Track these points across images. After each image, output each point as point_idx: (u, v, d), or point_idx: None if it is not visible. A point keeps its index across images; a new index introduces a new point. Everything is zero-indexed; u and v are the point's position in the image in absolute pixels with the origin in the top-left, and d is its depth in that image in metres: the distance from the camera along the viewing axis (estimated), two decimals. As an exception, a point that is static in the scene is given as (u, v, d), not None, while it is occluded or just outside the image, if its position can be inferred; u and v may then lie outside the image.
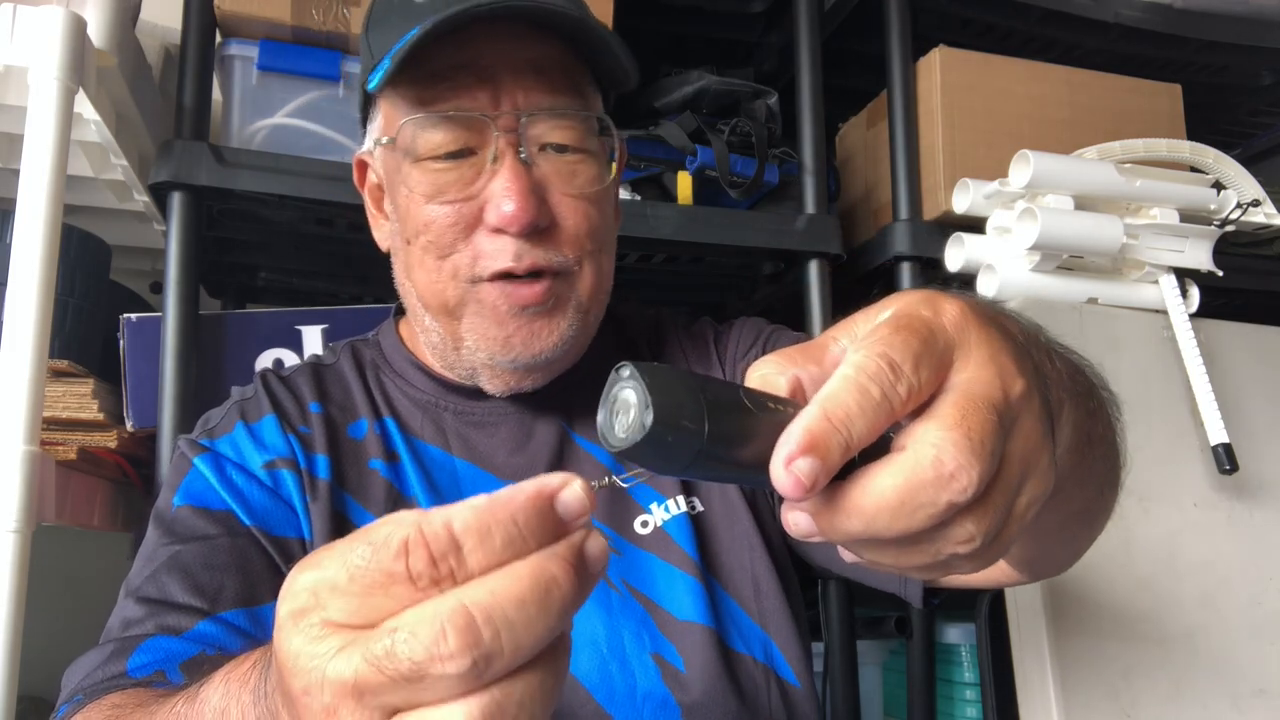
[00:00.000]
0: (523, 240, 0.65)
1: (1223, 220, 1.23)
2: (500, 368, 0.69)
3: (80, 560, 1.40)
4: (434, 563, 0.27)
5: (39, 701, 1.19)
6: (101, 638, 0.62)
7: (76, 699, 0.55)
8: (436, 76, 0.65)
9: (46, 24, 0.85)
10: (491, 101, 0.65)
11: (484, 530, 0.27)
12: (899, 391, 0.31)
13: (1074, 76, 1.34)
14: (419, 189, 0.66)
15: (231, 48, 1.08)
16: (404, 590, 0.27)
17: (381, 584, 0.27)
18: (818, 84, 1.28)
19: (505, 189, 0.63)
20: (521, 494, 0.28)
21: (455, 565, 0.27)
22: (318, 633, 0.28)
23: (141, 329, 1.05)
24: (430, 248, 0.67)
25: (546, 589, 0.27)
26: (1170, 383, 1.17)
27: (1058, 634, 1.01)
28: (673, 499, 0.73)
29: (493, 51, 0.65)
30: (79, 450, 0.95)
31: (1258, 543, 1.15)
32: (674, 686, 0.66)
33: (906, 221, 1.26)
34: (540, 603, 0.27)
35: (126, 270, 1.36)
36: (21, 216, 0.83)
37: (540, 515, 0.28)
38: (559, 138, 0.66)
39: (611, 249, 0.73)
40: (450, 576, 0.27)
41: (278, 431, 0.70)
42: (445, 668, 0.26)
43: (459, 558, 0.27)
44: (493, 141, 0.65)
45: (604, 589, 0.68)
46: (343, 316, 1.15)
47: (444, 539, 0.27)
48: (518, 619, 0.27)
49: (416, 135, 0.66)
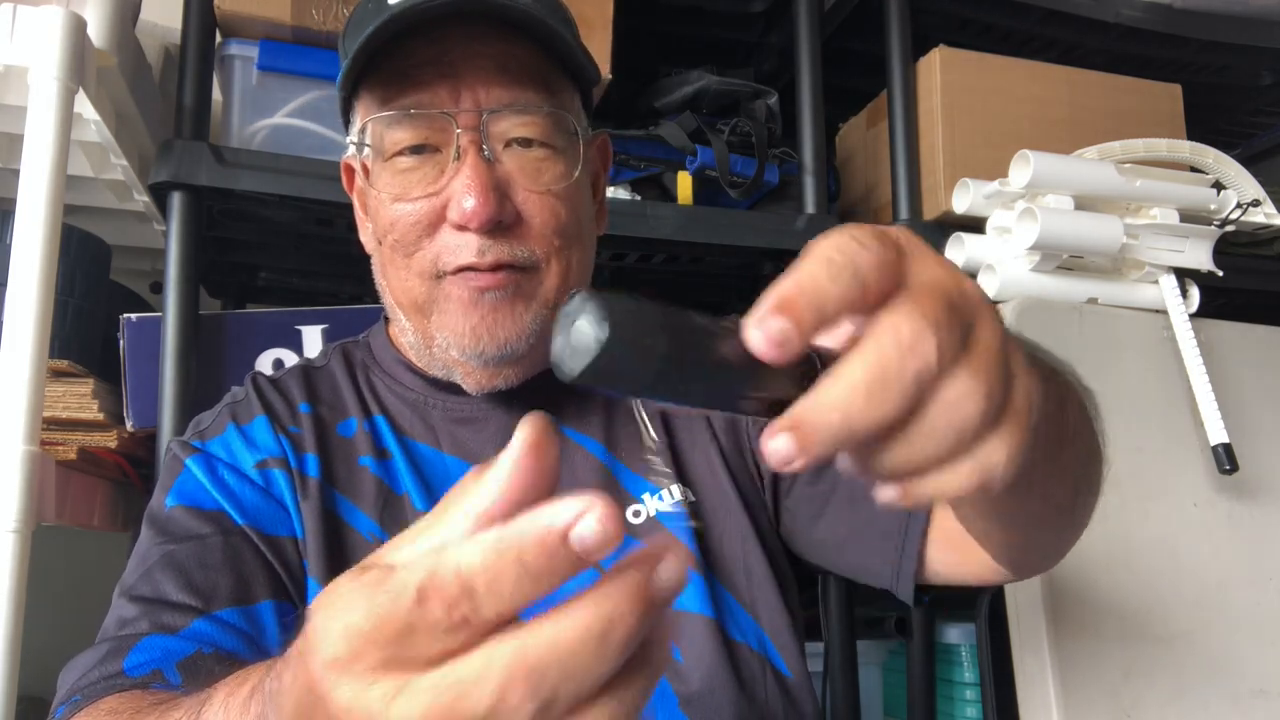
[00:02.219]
0: (485, 236, 0.65)
1: (1223, 220, 1.23)
2: (471, 364, 0.69)
3: (80, 560, 1.40)
4: (450, 609, 0.27)
5: (39, 702, 1.19)
6: (97, 638, 0.62)
7: (74, 700, 0.55)
8: (402, 74, 0.65)
9: (46, 24, 0.85)
10: (453, 98, 0.65)
11: (491, 578, 0.27)
12: (866, 258, 0.31)
13: (1074, 76, 1.34)
14: (385, 189, 0.67)
15: (231, 48, 1.08)
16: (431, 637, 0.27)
17: (407, 632, 0.27)
18: (818, 84, 1.28)
19: (466, 185, 0.64)
20: (529, 532, 0.27)
21: (470, 613, 0.27)
22: (369, 679, 0.28)
23: (141, 329, 1.05)
24: (398, 246, 0.67)
25: (604, 631, 0.27)
26: (1170, 383, 1.17)
27: (1058, 634, 1.01)
28: (666, 489, 0.73)
29: (458, 49, 0.66)
30: (79, 450, 0.95)
31: (1258, 543, 1.15)
32: (670, 676, 0.66)
33: (906, 221, 1.26)
34: (599, 645, 0.27)
35: (126, 270, 1.36)
36: (21, 216, 0.83)
37: (550, 556, 0.27)
38: (523, 132, 0.66)
39: (586, 246, 0.73)
40: (465, 623, 0.27)
41: (269, 432, 0.70)
42: (510, 718, 0.26)
43: (473, 605, 0.27)
44: (454, 138, 0.65)
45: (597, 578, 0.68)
46: (343, 316, 1.15)
47: (454, 588, 0.27)
48: (576, 666, 0.27)
49: (382, 134, 0.66)
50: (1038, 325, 1.12)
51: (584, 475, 0.72)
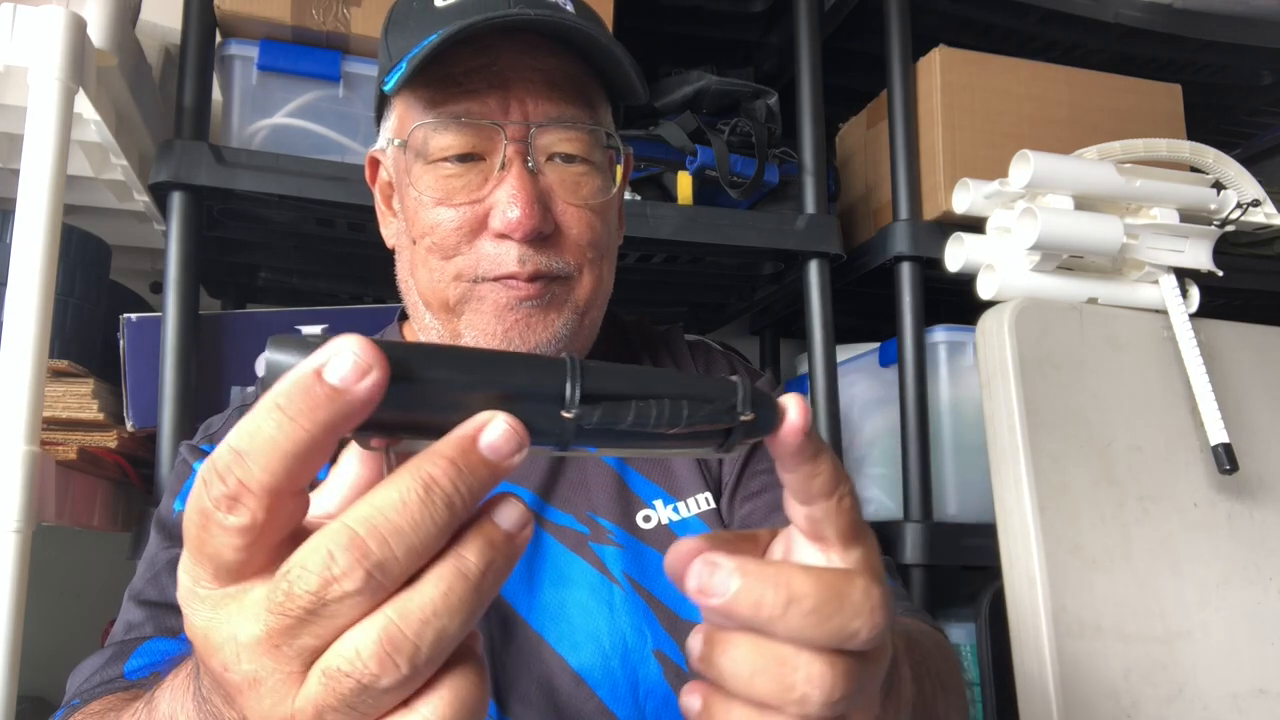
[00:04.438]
0: (526, 246, 0.66)
1: (1223, 220, 1.23)
2: None
3: (80, 560, 1.40)
4: (222, 480, 0.27)
5: (39, 702, 1.19)
6: (106, 641, 0.63)
7: (73, 703, 0.56)
8: (451, 81, 0.66)
9: (46, 24, 0.85)
10: (502, 109, 0.66)
11: (253, 435, 0.27)
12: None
13: (1074, 76, 1.34)
14: (427, 192, 0.67)
15: (231, 48, 1.08)
16: (219, 523, 0.28)
17: (204, 525, 0.28)
18: (818, 84, 1.28)
19: (511, 196, 0.64)
20: (264, 402, 0.28)
21: (241, 476, 0.27)
22: (210, 604, 0.29)
23: (141, 329, 1.05)
24: (435, 249, 0.68)
25: (426, 489, 0.28)
26: (1170, 383, 1.17)
27: (1058, 634, 1.01)
28: (692, 498, 0.73)
29: (508, 60, 0.66)
30: (79, 450, 0.95)
31: (1258, 543, 1.15)
32: (676, 684, 0.66)
33: (906, 221, 1.26)
34: (422, 503, 0.27)
35: (126, 270, 1.36)
36: (21, 216, 0.83)
37: (300, 392, 0.27)
38: (566, 148, 0.68)
39: (612, 257, 0.74)
40: (238, 495, 0.27)
41: None
42: (341, 587, 0.27)
43: (244, 470, 0.27)
44: (501, 148, 0.66)
45: (606, 583, 0.68)
46: (343, 316, 1.15)
47: (224, 455, 0.27)
48: (402, 521, 0.27)
49: (428, 138, 0.67)
50: (1038, 325, 1.12)
51: (595, 480, 0.72)
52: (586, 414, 0.31)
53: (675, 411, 0.32)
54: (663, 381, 0.32)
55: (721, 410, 0.32)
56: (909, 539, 1.18)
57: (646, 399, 0.31)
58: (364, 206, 1.07)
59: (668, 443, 0.33)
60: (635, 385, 0.32)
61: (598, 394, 0.31)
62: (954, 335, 1.29)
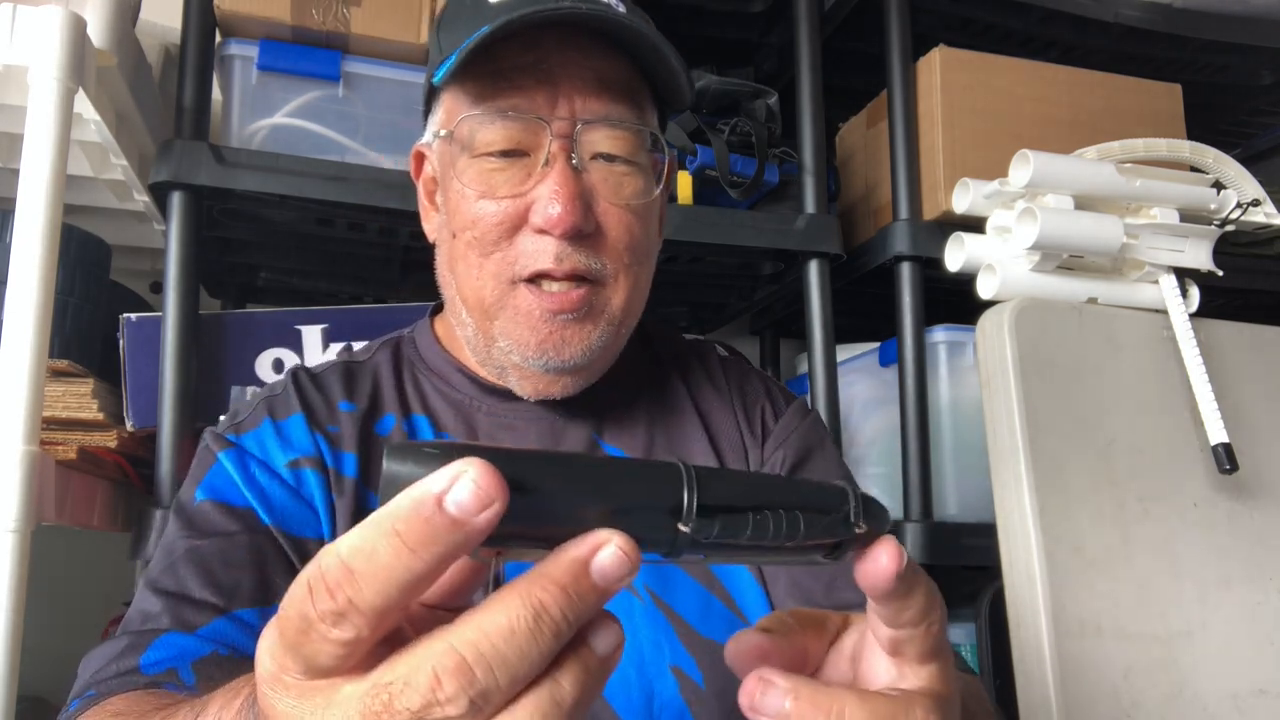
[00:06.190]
0: (565, 243, 0.65)
1: (1223, 220, 1.23)
2: (530, 369, 0.69)
3: (80, 560, 1.40)
4: (333, 594, 0.27)
5: (39, 701, 1.19)
6: (120, 629, 0.62)
7: (89, 694, 0.55)
8: (499, 75, 0.66)
9: (46, 24, 0.85)
10: (549, 104, 0.66)
11: (368, 554, 0.27)
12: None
13: (1074, 76, 1.34)
14: (470, 184, 0.67)
15: (231, 47, 1.08)
16: (326, 628, 0.27)
17: (305, 628, 0.27)
18: (818, 84, 1.28)
19: (553, 192, 0.64)
20: (403, 504, 0.27)
21: (354, 595, 0.26)
22: (297, 693, 0.28)
23: (141, 329, 1.05)
24: (475, 243, 0.67)
25: (536, 617, 0.27)
26: (1170, 383, 1.17)
27: (1058, 634, 1.01)
28: None
29: (557, 56, 0.66)
30: (79, 450, 0.95)
31: (1258, 543, 1.15)
32: (692, 700, 0.66)
33: (906, 221, 1.26)
34: (532, 633, 0.27)
35: (126, 270, 1.36)
36: (21, 216, 0.83)
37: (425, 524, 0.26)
38: (611, 148, 0.67)
39: (650, 265, 0.73)
40: (352, 607, 0.26)
41: (305, 430, 0.70)
42: (444, 711, 0.26)
43: (355, 588, 0.26)
44: (546, 144, 0.65)
45: (626, 594, 0.68)
46: (343, 316, 1.15)
47: (335, 572, 0.27)
48: (509, 651, 0.27)
49: (474, 131, 0.67)
50: (1038, 325, 1.12)
51: None
52: (705, 528, 0.30)
53: (793, 525, 0.31)
54: (776, 489, 0.32)
55: (838, 522, 0.32)
56: (909, 539, 1.18)
57: (762, 510, 0.31)
58: (364, 206, 1.08)
59: (780, 554, 0.32)
60: (750, 495, 0.31)
61: (714, 506, 0.30)
62: (954, 335, 1.29)
